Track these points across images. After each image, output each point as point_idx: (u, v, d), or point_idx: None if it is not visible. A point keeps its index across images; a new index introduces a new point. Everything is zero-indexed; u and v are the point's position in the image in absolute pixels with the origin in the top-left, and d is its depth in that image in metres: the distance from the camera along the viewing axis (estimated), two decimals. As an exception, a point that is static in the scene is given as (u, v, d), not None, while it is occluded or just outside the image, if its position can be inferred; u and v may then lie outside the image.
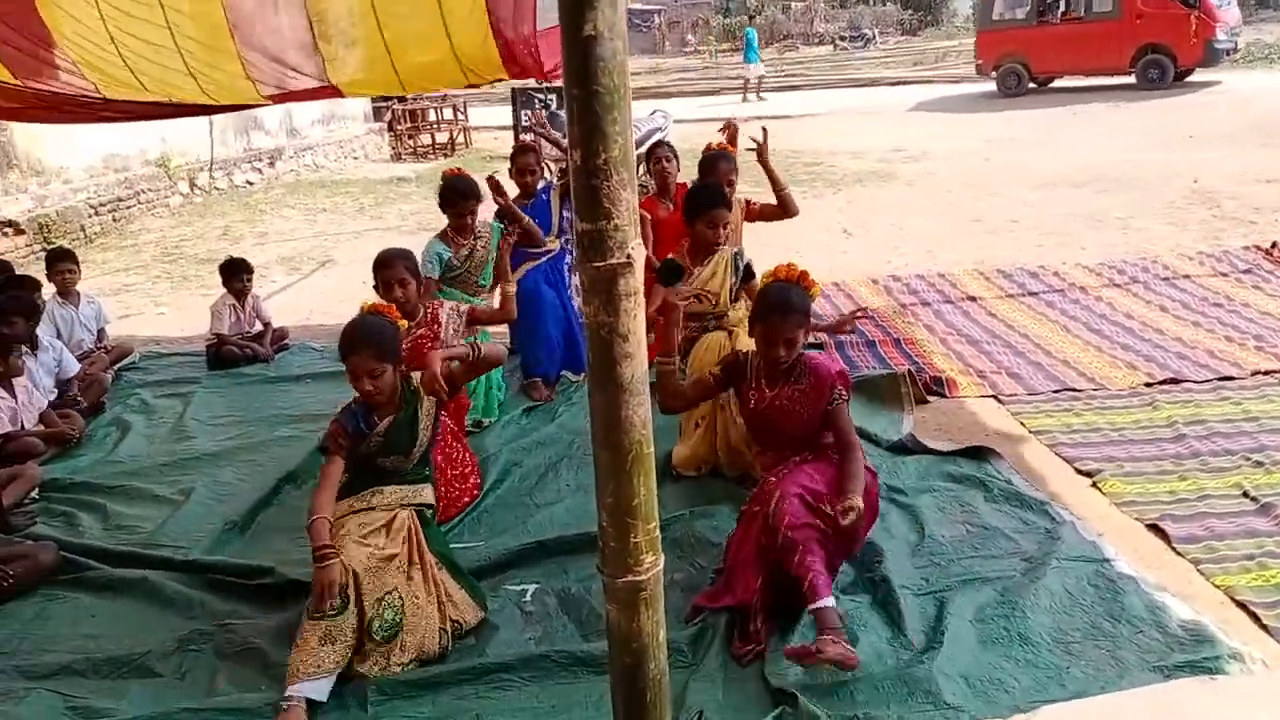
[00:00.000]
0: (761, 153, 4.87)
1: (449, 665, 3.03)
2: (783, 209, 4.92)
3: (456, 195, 4.85)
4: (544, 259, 5.45)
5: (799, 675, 2.80)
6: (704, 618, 3.12)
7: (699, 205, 4.15)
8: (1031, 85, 19.52)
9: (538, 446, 4.62)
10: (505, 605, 3.36)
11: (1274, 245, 7.04)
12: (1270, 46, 22.33)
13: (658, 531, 2.05)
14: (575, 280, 5.64)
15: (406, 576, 3.08)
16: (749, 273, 4.26)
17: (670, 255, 4.09)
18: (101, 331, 6.38)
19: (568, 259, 5.67)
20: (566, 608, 3.32)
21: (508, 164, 5.72)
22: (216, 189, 13.33)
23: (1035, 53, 19.33)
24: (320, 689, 2.84)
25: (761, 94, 23.15)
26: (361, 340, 3.10)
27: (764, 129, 5.05)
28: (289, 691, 2.81)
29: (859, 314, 4.16)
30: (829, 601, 2.89)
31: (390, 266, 3.96)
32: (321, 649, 2.85)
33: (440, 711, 2.83)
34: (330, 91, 4.49)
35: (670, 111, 11.29)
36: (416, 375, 3.28)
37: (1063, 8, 19.13)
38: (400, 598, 2.99)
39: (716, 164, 4.83)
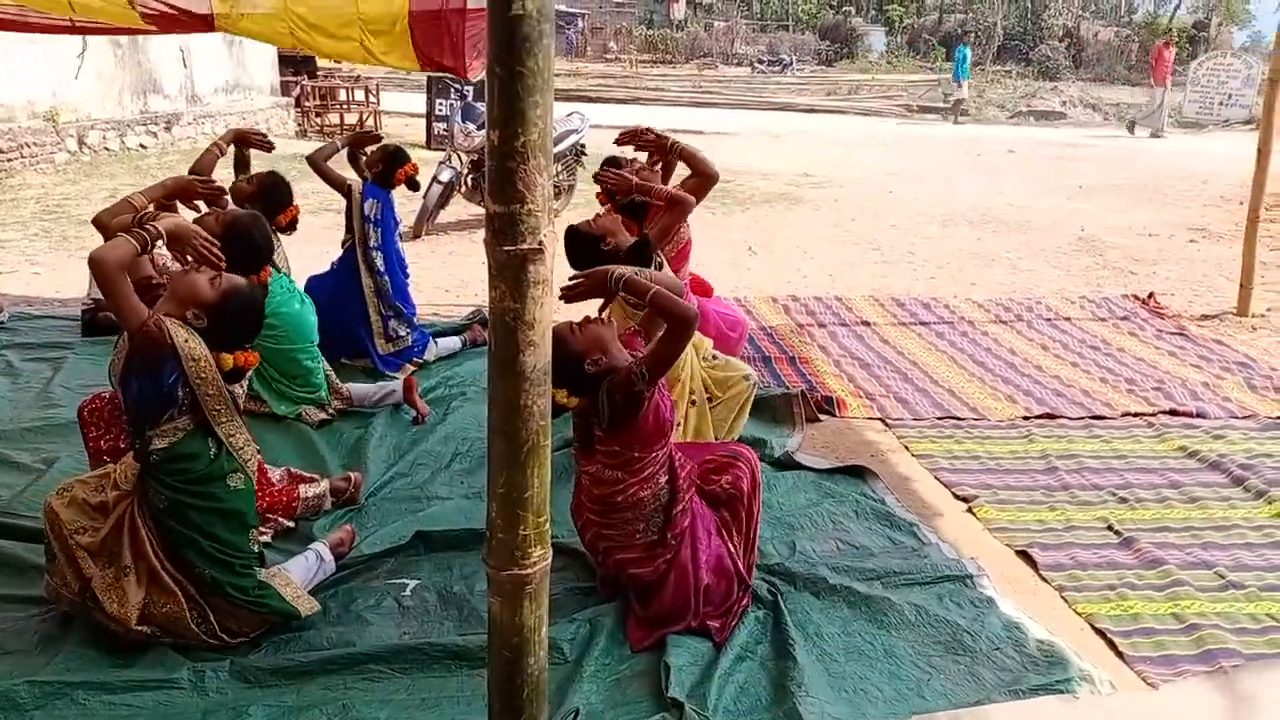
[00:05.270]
0: (661, 143, 4.66)
1: (316, 654, 2.92)
2: (703, 175, 4.55)
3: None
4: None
5: (689, 682, 2.81)
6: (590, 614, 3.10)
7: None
8: None
9: (423, 452, 4.43)
10: (384, 599, 3.26)
11: (1150, 295, 7.43)
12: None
13: (548, 525, 2.02)
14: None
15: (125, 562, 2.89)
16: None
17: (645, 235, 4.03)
18: (-32, 286, 6.01)
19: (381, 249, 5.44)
20: (446, 604, 3.25)
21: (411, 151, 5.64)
22: (107, 149, 12.72)
23: None
24: None
25: (956, 117, 23.81)
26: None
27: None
28: None
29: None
30: None
31: None
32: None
33: (305, 700, 2.73)
34: (204, 24, 4.15)
35: (588, 115, 11.23)
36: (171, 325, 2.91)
37: None
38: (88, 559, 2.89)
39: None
